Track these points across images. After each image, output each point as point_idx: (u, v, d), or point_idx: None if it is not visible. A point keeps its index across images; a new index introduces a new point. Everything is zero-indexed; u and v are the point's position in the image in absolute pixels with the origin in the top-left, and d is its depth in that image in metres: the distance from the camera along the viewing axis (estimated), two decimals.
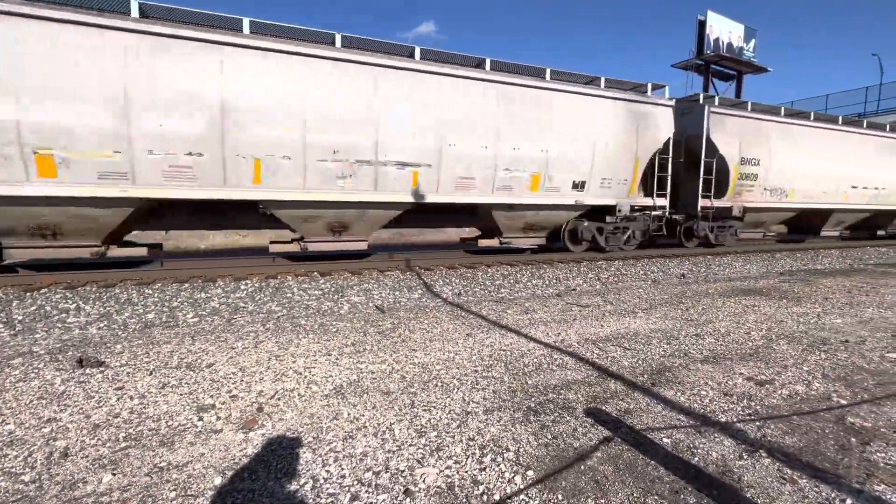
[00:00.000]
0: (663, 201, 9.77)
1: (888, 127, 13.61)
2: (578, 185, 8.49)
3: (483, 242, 8.72)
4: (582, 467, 1.92)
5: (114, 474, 1.85)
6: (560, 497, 1.72)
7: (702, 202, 10.28)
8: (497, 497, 1.73)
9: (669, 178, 9.73)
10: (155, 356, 3.30)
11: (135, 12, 5.65)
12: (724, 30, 24.44)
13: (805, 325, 4.37)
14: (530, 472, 1.88)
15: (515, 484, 1.81)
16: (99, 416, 2.34)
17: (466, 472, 1.89)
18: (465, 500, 1.71)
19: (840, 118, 12.64)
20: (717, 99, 10.70)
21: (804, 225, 13.11)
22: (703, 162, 10.04)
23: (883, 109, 24.77)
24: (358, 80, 6.61)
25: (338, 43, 6.65)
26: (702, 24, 23.91)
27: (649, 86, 9.34)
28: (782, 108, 11.48)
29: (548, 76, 8.16)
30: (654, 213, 9.76)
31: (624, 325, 4.31)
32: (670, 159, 9.61)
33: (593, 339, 3.84)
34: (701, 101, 10.32)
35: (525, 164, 7.88)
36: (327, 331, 4.04)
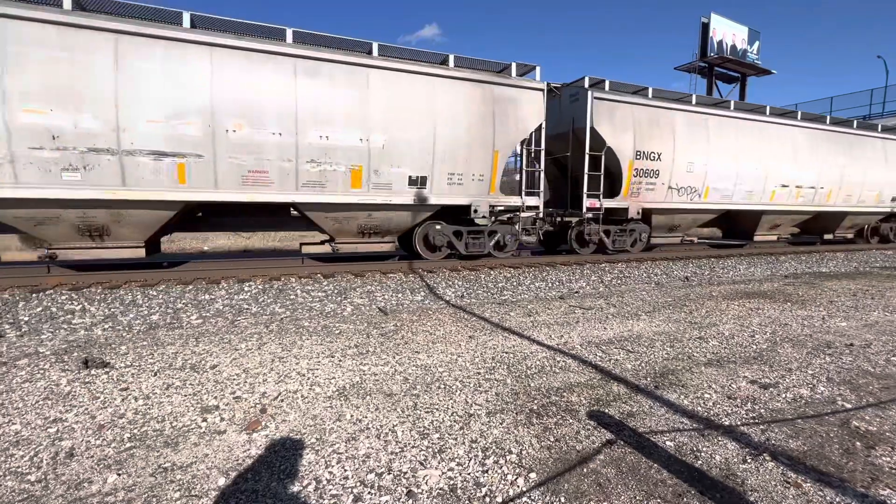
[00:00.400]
0: (534, 200, 8.44)
1: (828, 119, 12.24)
2: (418, 182, 7.22)
3: (309, 248, 7.52)
4: (584, 470, 1.92)
5: (119, 474, 1.86)
6: (563, 500, 1.72)
7: (588, 202, 8.93)
8: (499, 499, 1.73)
9: (542, 173, 8.50)
10: (159, 357, 3.32)
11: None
12: (728, 32, 24.38)
13: (810, 328, 4.34)
14: (533, 475, 1.88)
15: (518, 486, 1.81)
16: (104, 417, 2.36)
17: (469, 474, 1.89)
18: (467, 502, 1.71)
19: (768, 108, 11.02)
20: (607, 83, 9.06)
21: (738, 228, 11.89)
22: (587, 156, 8.69)
23: (888, 112, 24.65)
24: (92, 48, 5.35)
25: (66, 4, 5.32)
26: (705, 27, 23.87)
27: (513, 66, 7.93)
28: (693, 97, 10.09)
29: (375, 51, 6.79)
30: (523, 214, 8.51)
31: (627, 327, 4.30)
32: (543, 152, 8.34)
33: (596, 341, 3.84)
34: (586, 86, 8.76)
35: (339, 156, 6.61)
36: (330, 332, 4.05)
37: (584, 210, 8.96)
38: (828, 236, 13.30)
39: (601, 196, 9.00)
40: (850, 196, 12.53)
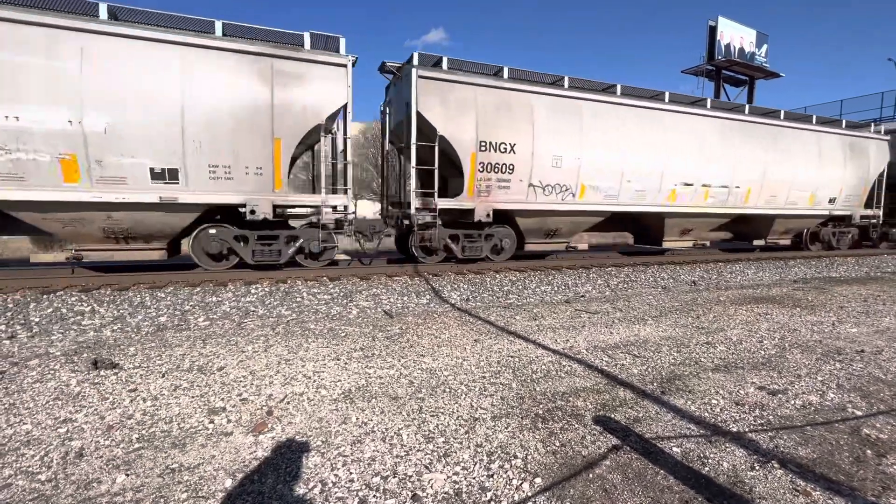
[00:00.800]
0: (340, 199, 7.07)
1: (747, 109, 10.65)
2: (165, 175, 5.95)
3: (40, 258, 6.39)
4: (590, 475, 1.91)
5: (127, 475, 1.88)
6: None
7: (417, 202, 7.53)
8: None
9: (349, 166, 7.17)
10: (167, 359, 3.35)
11: None
12: (736, 35, 24.27)
13: (819, 333, 4.29)
14: (538, 480, 1.88)
15: (523, 491, 1.80)
16: (113, 418, 2.39)
17: (474, 478, 1.89)
18: None
19: (666, 94, 9.44)
20: (445, 61, 7.49)
21: (646, 234, 10.53)
22: (413, 146, 7.28)
23: None
24: None
25: None
26: (712, 30, 23.78)
27: (307, 36, 6.56)
28: (566, 79, 8.42)
29: (102, 13, 5.57)
30: (328, 216, 6.97)
31: (633, 332, 4.28)
32: (348, 140, 7.13)
33: (602, 346, 3.82)
34: (415, 63, 7.23)
35: (40, 142, 5.39)
36: (336, 335, 4.06)
37: (413, 211, 7.52)
38: (758, 242, 11.95)
39: (436, 195, 7.57)
40: (776, 197, 10.99)
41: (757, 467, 1.98)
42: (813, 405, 2.67)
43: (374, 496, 1.76)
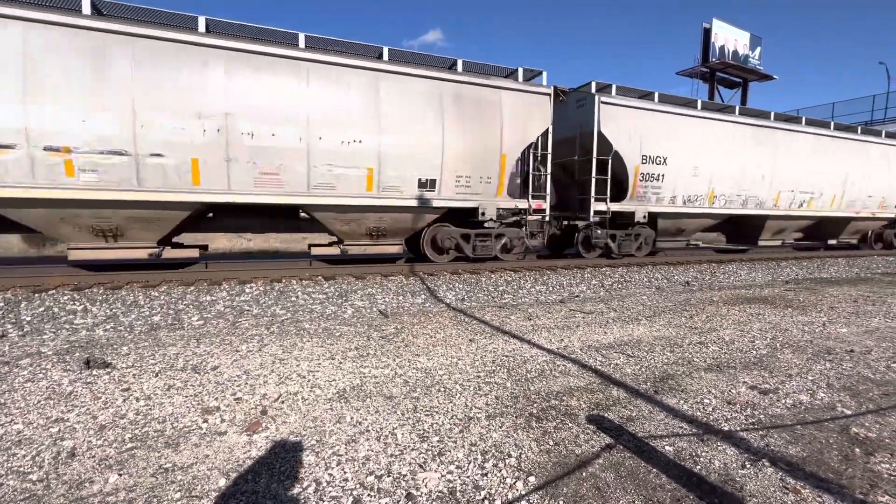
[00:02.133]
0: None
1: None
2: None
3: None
4: (584, 474, 1.92)
5: (120, 475, 1.87)
6: (562, 503, 1.73)
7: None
8: (498, 503, 1.74)
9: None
10: (161, 358, 3.33)
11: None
12: (730, 38, 24.46)
13: (810, 334, 4.34)
14: (532, 478, 1.89)
15: (517, 490, 1.81)
16: (105, 417, 2.37)
17: (468, 477, 1.90)
18: None
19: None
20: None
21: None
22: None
23: (890, 118, 24.65)
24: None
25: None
26: (707, 32, 23.96)
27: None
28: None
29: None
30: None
31: (627, 332, 4.30)
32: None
33: (596, 345, 3.84)
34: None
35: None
36: (331, 335, 4.06)
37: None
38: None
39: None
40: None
41: (748, 466, 2.01)
42: (803, 404, 2.70)
43: (369, 495, 1.76)
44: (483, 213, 7.94)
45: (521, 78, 8.19)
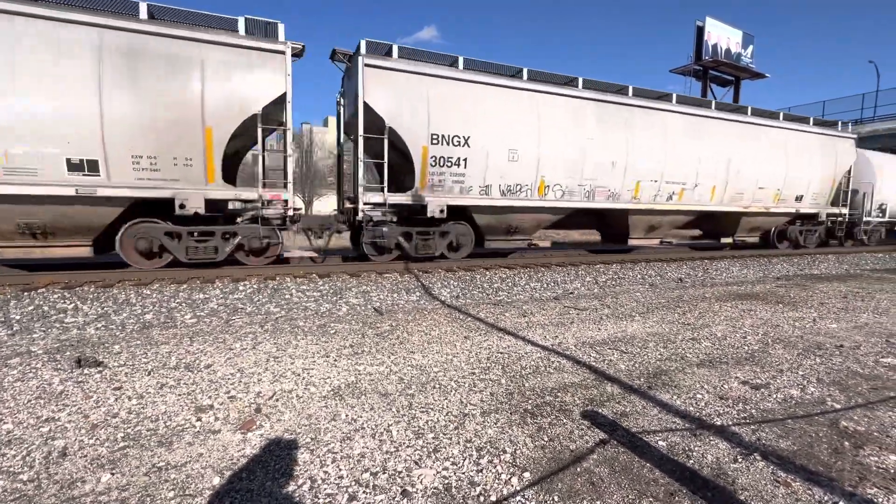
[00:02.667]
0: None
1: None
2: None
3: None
4: (578, 469, 1.93)
5: (112, 474, 1.85)
6: (556, 498, 1.74)
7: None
8: (493, 498, 1.74)
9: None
10: (153, 356, 3.31)
11: None
12: (723, 36, 24.59)
13: (801, 329, 4.40)
14: (527, 474, 1.90)
15: (512, 485, 1.82)
16: (97, 416, 2.35)
17: (463, 473, 1.90)
18: (461, 501, 1.72)
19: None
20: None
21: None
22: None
23: (879, 116, 24.93)
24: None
25: None
26: (700, 30, 24.06)
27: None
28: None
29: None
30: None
31: (621, 328, 4.33)
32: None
33: (590, 342, 3.86)
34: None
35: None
36: (326, 332, 4.05)
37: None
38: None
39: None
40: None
41: (740, 460, 2.03)
42: (794, 399, 2.73)
43: (364, 492, 1.76)
44: (182, 206, 6.16)
45: (242, 30, 6.37)
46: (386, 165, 7.29)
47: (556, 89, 8.44)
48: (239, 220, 7.06)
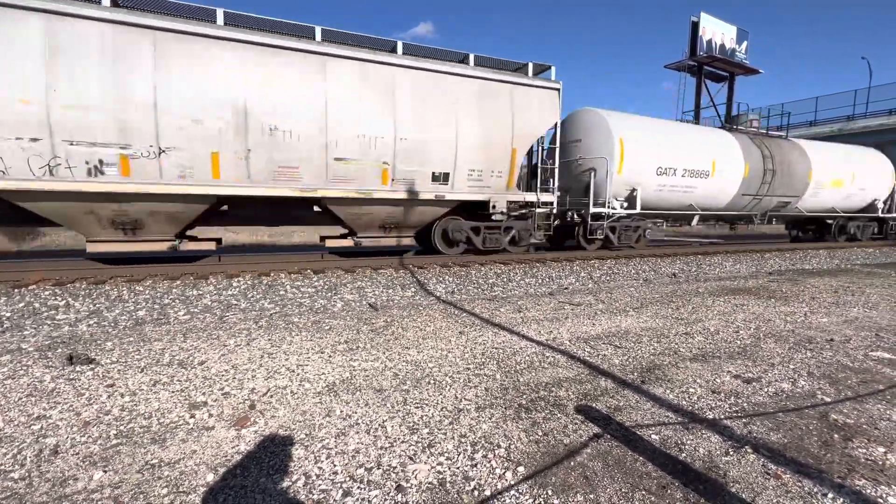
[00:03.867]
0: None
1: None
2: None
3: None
4: (572, 463, 1.95)
5: (105, 471, 1.84)
6: (550, 492, 1.75)
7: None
8: (488, 492, 1.75)
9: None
10: (146, 353, 3.28)
11: None
12: (717, 31, 24.56)
13: (792, 323, 4.44)
14: (521, 468, 1.91)
15: (506, 480, 1.83)
16: (89, 414, 2.33)
17: (458, 468, 1.91)
18: (456, 495, 1.73)
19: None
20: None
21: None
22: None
23: (871, 112, 25.13)
24: None
25: None
26: (695, 26, 24.02)
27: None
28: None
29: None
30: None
31: (615, 323, 4.35)
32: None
33: (585, 337, 3.88)
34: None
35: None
36: (320, 328, 4.03)
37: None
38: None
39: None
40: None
41: (731, 453, 2.05)
42: (785, 392, 2.76)
43: (359, 487, 1.76)
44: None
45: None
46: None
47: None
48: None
